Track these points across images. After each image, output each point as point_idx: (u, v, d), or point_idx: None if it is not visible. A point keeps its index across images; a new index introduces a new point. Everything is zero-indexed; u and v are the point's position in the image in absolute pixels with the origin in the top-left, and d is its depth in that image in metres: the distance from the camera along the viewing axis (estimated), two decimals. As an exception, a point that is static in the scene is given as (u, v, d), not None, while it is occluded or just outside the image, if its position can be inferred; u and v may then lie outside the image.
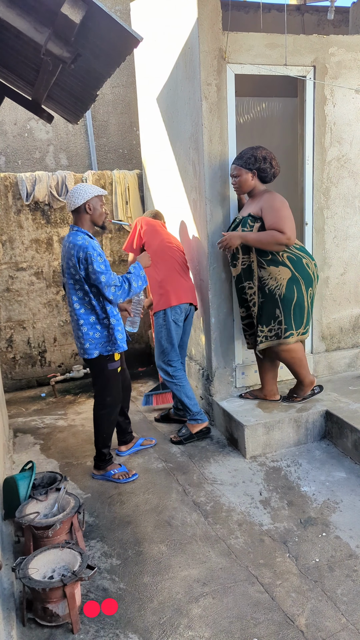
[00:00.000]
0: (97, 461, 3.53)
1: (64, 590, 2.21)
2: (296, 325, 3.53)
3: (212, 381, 4.07)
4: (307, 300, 3.54)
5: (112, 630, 2.25)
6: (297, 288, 3.46)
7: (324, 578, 2.48)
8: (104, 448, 3.49)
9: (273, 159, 3.44)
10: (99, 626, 2.27)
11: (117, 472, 3.47)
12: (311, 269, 3.52)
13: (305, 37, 3.69)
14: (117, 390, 3.46)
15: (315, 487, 3.22)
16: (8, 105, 5.40)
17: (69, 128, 5.85)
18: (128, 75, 5.94)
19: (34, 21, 1.60)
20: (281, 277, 3.44)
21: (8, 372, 5.42)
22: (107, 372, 3.36)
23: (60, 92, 2.57)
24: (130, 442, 3.86)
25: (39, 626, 2.28)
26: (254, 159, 3.41)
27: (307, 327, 3.63)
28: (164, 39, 4.20)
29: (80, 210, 3.20)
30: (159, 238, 3.97)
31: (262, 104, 5.35)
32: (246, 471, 3.46)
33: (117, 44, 1.79)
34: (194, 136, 3.80)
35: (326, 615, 2.26)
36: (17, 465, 3.72)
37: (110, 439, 3.52)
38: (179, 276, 3.92)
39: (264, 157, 3.40)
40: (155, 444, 3.91)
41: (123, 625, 2.27)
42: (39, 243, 5.28)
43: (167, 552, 2.73)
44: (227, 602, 2.37)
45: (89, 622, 2.29)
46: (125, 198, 5.47)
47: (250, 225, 3.46)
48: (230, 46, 3.53)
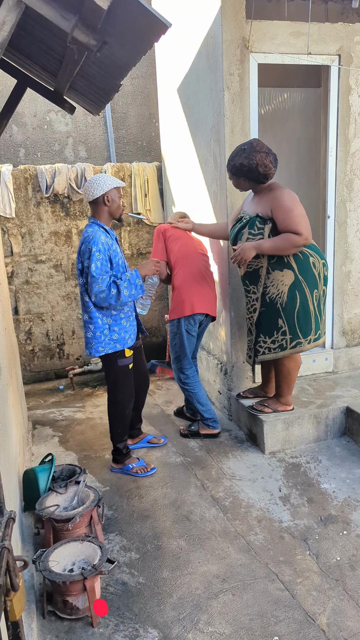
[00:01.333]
0: (114, 455, 3.52)
1: (84, 583, 2.21)
2: (303, 333, 3.31)
3: (230, 376, 4.04)
4: (313, 303, 3.29)
5: (131, 624, 2.24)
6: (299, 293, 3.23)
7: (345, 577, 2.44)
8: (119, 443, 3.48)
9: (259, 165, 3.09)
10: (119, 620, 2.26)
11: (135, 466, 3.46)
12: (317, 269, 3.26)
13: (330, 25, 3.61)
14: (127, 387, 3.39)
15: (335, 485, 3.18)
16: (28, 97, 5.40)
17: (88, 120, 5.83)
18: (148, 67, 5.89)
19: (61, 8, 1.58)
20: (283, 284, 3.22)
21: (27, 364, 5.45)
22: (116, 369, 3.30)
23: (83, 82, 2.54)
24: (137, 437, 3.82)
25: (58, 619, 2.28)
26: (236, 169, 3.17)
27: (319, 331, 3.39)
28: (186, 28, 4.15)
29: (98, 202, 3.15)
30: (179, 243, 3.78)
31: (283, 95, 5.26)
32: (265, 467, 3.43)
33: (144, 30, 1.75)
34: (215, 127, 3.75)
35: (348, 614, 2.23)
36: (36, 457, 3.73)
37: (125, 433, 3.50)
38: (197, 284, 3.72)
39: (248, 165, 3.10)
40: (164, 443, 3.83)
41: (143, 619, 2.26)
42: (58, 235, 5.28)
43: (186, 547, 2.71)
44: (247, 599, 2.35)
45: (109, 616, 2.29)
46: (144, 190, 5.44)
47: (258, 227, 3.20)
48: (253, 35, 3.46)
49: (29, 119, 5.63)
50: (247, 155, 3.10)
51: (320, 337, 3.41)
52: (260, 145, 3.13)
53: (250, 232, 3.24)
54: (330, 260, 4.07)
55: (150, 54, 5.63)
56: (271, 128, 5.15)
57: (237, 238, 3.33)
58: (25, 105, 5.57)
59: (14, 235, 5.13)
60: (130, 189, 5.43)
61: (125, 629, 2.22)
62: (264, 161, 3.10)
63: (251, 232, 3.23)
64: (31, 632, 2.11)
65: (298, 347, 3.33)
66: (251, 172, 3.15)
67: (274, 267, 3.23)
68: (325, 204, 4.03)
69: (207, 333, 4.59)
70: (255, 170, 3.12)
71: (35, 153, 5.73)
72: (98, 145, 5.94)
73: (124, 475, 3.45)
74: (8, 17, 1.53)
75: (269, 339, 3.37)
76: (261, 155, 3.10)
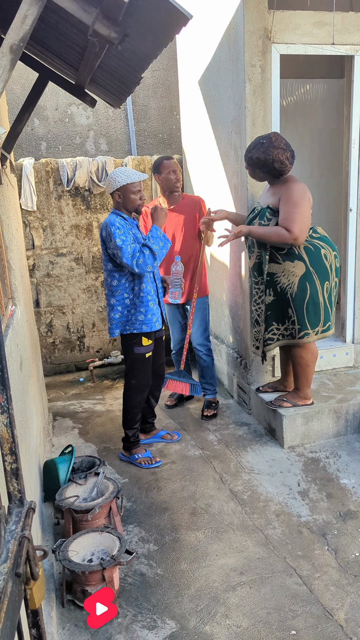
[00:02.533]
0: (123, 442, 3.60)
1: (103, 573, 2.23)
2: (312, 324, 3.30)
3: (249, 370, 4.03)
4: (323, 295, 3.27)
5: (149, 615, 2.26)
6: (310, 284, 3.23)
7: (364, 573, 2.43)
8: (128, 430, 3.55)
9: (275, 162, 3.11)
10: (137, 610, 2.29)
11: (140, 457, 3.52)
12: (329, 261, 3.26)
13: (355, 14, 3.54)
14: (143, 375, 3.47)
15: (355, 480, 3.15)
16: (50, 90, 5.41)
17: (109, 113, 5.83)
18: (169, 59, 5.86)
19: (82, 1, 1.58)
20: (294, 274, 3.23)
21: (47, 356, 5.50)
22: (132, 355, 3.41)
23: (104, 75, 2.54)
24: (150, 433, 3.84)
25: (77, 608, 2.32)
26: (252, 161, 3.20)
27: (328, 323, 3.37)
28: (207, 19, 4.11)
29: (114, 197, 3.29)
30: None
31: (305, 86, 5.20)
32: (284, 461, 3.41)
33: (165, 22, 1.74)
34: (237, 120, 3.72)
35: (367, 611, 2.22)
36: (57, 448, 3.78)
37: (134, 422, 3.55)
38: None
39: (264, 160, 3.13)
40: (179, 439, 3.82)
41: (160, 610, 2.28)
42: (79, 229, 5.31)
43: (204, 540, 2.72)
44: (265, 592, 2.35)
45: (127, 606, 2.31)
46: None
47: (268, 218, 3.23)
48: (276, 25, 3.42)
49: (51, 112, 5.66)
50: (265, 150, 3.12)
51: (330, 329, 3.41)
52: (279, 141, 3.13)
53: (260, 222, 3.28)
54: (352, 254, 4.02)
55: (172, 46, 5.59)
56: (293, 120, 5.10)
57: None
58: (47, 99, 5.59)
59: (35, 228, 5.18)
60: (150, 182, 5.42)
61: (144, 619, 2.24)
62: (281, 157, 3.12)
63: (261, 223, 3.27)
64: (50, 621, 2.15)
65: (305, 338, 3.34)
66: (267, 167, 3.18)
67: (284, 258, 3.25)
68: (347, 196, 3.97)
69: (227, 326, 4.58)
70: (271, 165, 3.15)
71: (56, 146, 5.76)
72: (119, 138, 5.94)
73: (141, 467, 3.48)
74: (30, 11, 1.54)
75: (276, 328, 3.40)
76: (278, 151, 3.11)
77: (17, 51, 1.57)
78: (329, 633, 2.12)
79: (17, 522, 1.04)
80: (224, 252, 4.39)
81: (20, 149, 5.62)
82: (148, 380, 3.52)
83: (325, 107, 5.26)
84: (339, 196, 4.60)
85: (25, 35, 1.56)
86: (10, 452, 1.07)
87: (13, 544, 0.96)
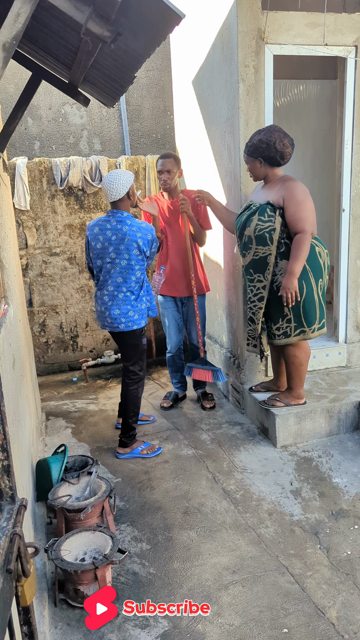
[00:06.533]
0: (124, 438, 3.62)
1: (95, 572, 2.23)
2: (308, 322, 3.33)
3: (242, 369, 4.04)
4: (318, 292, 3.32)
5: (142, 614, 2.26)
6: (305, 283, 3.25)
7: (355, 571, 2.44)
8: (135, 423, 3.65)
9: (277, 142, 3.16)
10: (129, 609, 2.29)
11: (143, 447, 3.61)
12: (322, 258, 3.31)
13: (348, 15, 3.56)
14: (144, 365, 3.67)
15: (347, 479, 3.17)
16: (43, 89, 5.41)
17: (103, 113, 5.83)
18: (163, 59, 5.87)
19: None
20: None
21: (41, 356, 5.49)
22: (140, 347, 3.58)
23: (97, 74, 2.54)
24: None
25: (70, 607, 2.31)
26: (254, 147, 3.23)
27: (323, 320, 3.40)
28: (201, 19, 4.12)
29: (124, 198, 3.35)
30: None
31: (299, 87, 5.22)
32: (277, 460, 3.42)
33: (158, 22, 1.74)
34: (230, 120, 3.73)
35: (358, 608, 2.23)
36: (49, 447, 3.77)
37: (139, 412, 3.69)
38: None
39: (266, 142, 3.17)
40: (154, 421, 4.11)
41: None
42: (72, 228, 5.30)
43: (196, 539, 2.73)
44: (257, 591, 2.36)
45: (120, 605, 2.31)
46: (158, 183, 5.43)
47: (269, 214, 3.20)
48: (269, 26, 3.43)
49: (44, 111, 5.65)
50: (266, 132, 3.20)
51: (324, 326, 3.44)
52: (278, 127, 3.23)
53: (260, 218, 3.24)
54: (345, 254, 4.04)
55: (165, 46, 5.60)
56: (286, 120, 5.11)
57: (245, 225, 3.33)
58: (41, 98, 5.58)
59: (28, 227, 5.16)
60: (144, 182, 5.43)
61: (136, 619, 2.24)
62: (283, 140, 3.18)
63: (261, 219, 3.23)
64: (43, 619, 2.15)
65: (302, 335, 3.36)
66: (269, 150, 3.20)
67: (282, 257, 3.27)
68: (340, 197, 3.99)
69: (220, 326, 4.59)
70: (273, 147, 3.18)
71: (50, 146, 5.75)
72: (113, 138, 5.94)
73: (135, 467, 3.48)
74: (23, 9, 1.54)
75: (273, 326, 3.41)
76: (279, 134, 3.19)
77: (10, 49, 1.57)
78: (320, 631, 2.12)
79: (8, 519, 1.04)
80: (218, 252, 4.41)
81: (14, 148, 5.61)
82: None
83: (318, 108, 5.28)
84: (331, 197, 4.62)
85: (18, 33, 1.56)
86: (2, 449, 1.07)
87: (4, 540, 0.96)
